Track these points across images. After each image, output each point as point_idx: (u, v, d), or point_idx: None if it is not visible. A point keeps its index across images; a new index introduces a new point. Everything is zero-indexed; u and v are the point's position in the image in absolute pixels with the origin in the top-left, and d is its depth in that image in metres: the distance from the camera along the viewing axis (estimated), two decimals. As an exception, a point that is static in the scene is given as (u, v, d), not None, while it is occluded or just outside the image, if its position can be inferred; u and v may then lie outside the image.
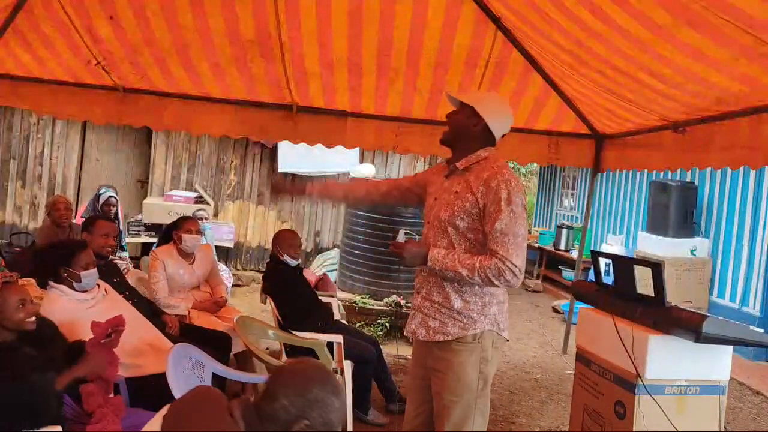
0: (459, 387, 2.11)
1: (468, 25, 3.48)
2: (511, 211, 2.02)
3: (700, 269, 6.38)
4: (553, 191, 11.05)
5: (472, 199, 2.08)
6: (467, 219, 2.10)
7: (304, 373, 1.39)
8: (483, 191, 2.06)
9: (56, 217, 4.64)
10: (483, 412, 2.16)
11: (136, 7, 3.45)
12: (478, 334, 2.11)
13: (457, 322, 2.12)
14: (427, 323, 2.18)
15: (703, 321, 2.36)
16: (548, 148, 4.68)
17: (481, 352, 2.12)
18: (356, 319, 5.35)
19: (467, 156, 2.17)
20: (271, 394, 1.35)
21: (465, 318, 2.11)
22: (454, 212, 2.12)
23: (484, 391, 2.15)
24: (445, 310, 2.14)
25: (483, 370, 2.13)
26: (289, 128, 4.52)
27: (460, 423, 2.12)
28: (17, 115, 7.70)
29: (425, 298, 2.21)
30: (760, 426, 4.19)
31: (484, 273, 2.00)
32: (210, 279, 4.05)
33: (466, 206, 2.09)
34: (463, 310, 2.11)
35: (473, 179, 2.11)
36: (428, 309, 2.18)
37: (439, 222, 2.16)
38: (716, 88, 2.77)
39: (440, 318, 2.15)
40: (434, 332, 2.15)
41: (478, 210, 2.07)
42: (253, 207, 7.89)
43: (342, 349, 3.39)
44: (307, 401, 1.34)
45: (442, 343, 2.14)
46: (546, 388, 4.54)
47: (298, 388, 1.35)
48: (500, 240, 2.01)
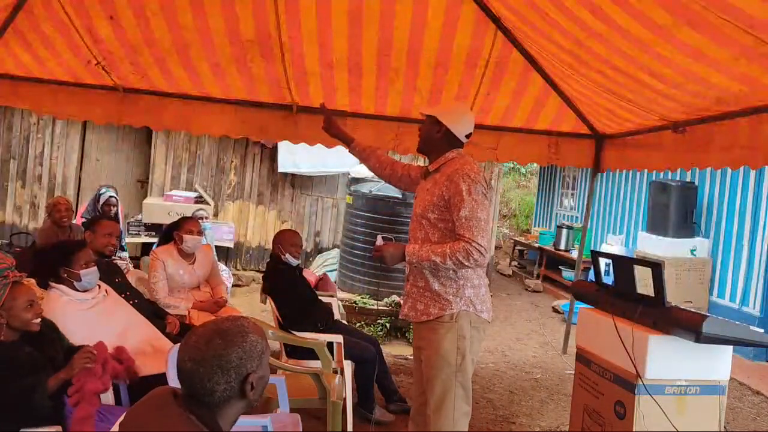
0: (438, 361, 2.40)
1: (468, 25, 3.48)
2: (472, 200, 2.33)
3: (700, 269, 6.38)
4: (553, 191, 11.05)
5: (439, 194, 2.41)
6: (436, 211, 2.43)
7: (209, 346, 1.31)
8: (447, 185, 2.38)
9: (57, 218, 4.64)
10: (464, 386, 2.42)
11: (136, 7, 3.45)
12: (454, 314, 2.40)
13: (437, 304, 2.43)
14: (415, 306, 2.50)
15: (703, 321, 2.36)
16: (548, 148, 4.68)
17: (458, 330, 2.40)
18: (356, 319, 5.35)
19: (437, 159, 2.53)
20: (200, 384, 1.29)
21: (442, 300, 2.42)
22: (425, 207, 2.46)
23: (462, 365, 2.41)
24: (427, 293, 2.46)
25: (460, 346, 2.40)
26: (289, 128, 4.52)
27: (442, 395, 2.40)
28: (17, 115, 7.70)
29: (413, 285, 2.53)
30: (760, 426, 4.19)
31: (455, 257, 2.30)
32: (210, 279, 4.05)
33: (434, 200, 2.42)
34: (441, 293, 2.42)
35: (439, 177, 2.46)
36: (415, 294, 2.51)
37: (416, 216, 2.53)
38: (716, 88, 2.77)
39: (424, 301, 2.47)
40: (420, 313, 2.47)
41: (444, 202, 2.40)
42: (253, 207, 7.89)
43: (342, 349, 3.39)
44: (235, 364, 1.30)
45: (426, 323, 2.45)
46: (546, 388, 4.54)
47: (215, 362, 1.29)
48: (465, 225, 2.32)
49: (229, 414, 1.35)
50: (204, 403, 1.31)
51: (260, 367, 1.36)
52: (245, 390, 1.33)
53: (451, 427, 2.38)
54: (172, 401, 1.32)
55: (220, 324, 1.36)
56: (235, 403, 1.34)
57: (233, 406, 1.34)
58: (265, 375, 1.39)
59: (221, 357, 1.30)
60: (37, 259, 2.93)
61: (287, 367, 3.13)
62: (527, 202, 14.51)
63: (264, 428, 2.23)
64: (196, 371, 1.29)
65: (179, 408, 1.30)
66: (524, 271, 9.93)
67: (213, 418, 1.31)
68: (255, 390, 1.35)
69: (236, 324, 1.36)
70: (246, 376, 1.32)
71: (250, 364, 1.33)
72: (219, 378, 1.29)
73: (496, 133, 4.57)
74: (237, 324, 1.36)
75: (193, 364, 1.30)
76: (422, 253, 2.36)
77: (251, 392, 1.34)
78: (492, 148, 4.59)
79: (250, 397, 1.35)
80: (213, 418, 1.31)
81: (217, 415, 1.32)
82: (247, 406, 1.38)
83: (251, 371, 1.33)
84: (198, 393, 1.30)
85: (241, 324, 1.37)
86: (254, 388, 1.34)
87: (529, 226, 12.84)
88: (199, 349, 1.31)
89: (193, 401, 1.31)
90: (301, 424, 2.57)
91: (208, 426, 1.29)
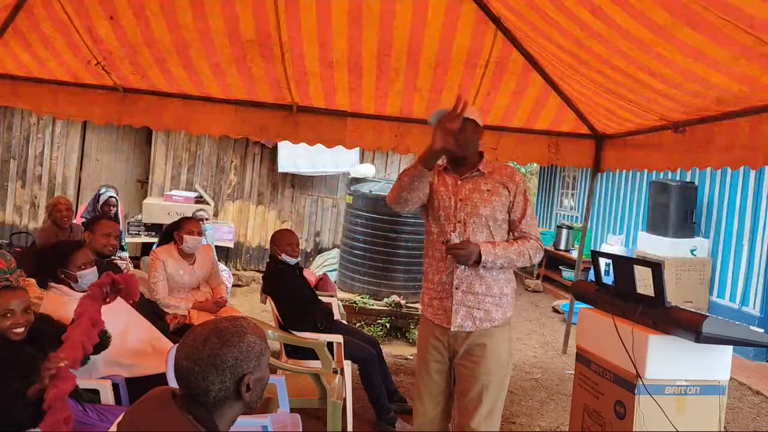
0: (495, 366, 2.38)
1: (468, 25, 3.48)
2: (530, 202, 2.47)
3: (700, 269, 6.38)
4: (553, 191, 11.05)
5: (506, 193, 2.43)
6: (504, 211, 2.44)
7: (205, 345, 1.30)
8: (513, 186, 2.43)
9: (57, 218, 4.64)
10: (507, 386, 2.47)
11: (136, 7, 3.45)
12: (510, 316, 2.45)
13: (499, 308, 2.41)
14: (472, 314, 2.39)
15: (703, 321, 2.36)
16: (548, 148, 4.68)
17: (509, 332, 2.45)
18: (356, 319, 5.35)
19: (480, 161, 2.47)
20: (195, 384, 1.29)
21: (505, 302, 2.43)
22: (494, 207, 2.41)
23: (510, 365, 2.46)
24: (489, 299, 2.39)
25: (510, 349, 2.46)
26: (289, 128, 4.52)
27: (495, 398, 2.39)
28: (17, 115, 7.70)
29: (467, 292, 2.40)
30: (760, 426, 4.19)
31: (528, 254, 2.38)
32: (210, 279, 4.05)
33: (502, 200, 2.42)
34: (502, 296, 2.42)
35: (501, 178, 2.45)
36: (471, 302, 2.39)
37: (479, 218, 2.41)
38: (716, 88, 2.77)
39: (484, 307, 2.39)
40: (481, 321, 2.39)
41: (510, 202, 2.44)
42: (253, 207, 7.89)
43: (342, 349, 3.39)
44: (231, 364, 1.30)
45: (481, 330, 2.38)
46: (546, 388, 4.54)
47: (211, 361, 1.29)
48: (531, 224, 2.43)
49: (227, 415, 1.34)
50: (201, 403, 1.30)
51: (258, 369, 1.35)
52: (241, 391, 1.32)
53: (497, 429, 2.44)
54: (170, 401, 1.31)
55: (218, 323, 1.36)
56: (231, 404, 1.33)
57: (230, 406, 1.34)
58: (263, 377, 1.38)
59: (217, 356, 1.29)
60: (36, 260, 2.92)
61: (287, 367, 3.13)
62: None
63: (264, 428, 2.23)
64: (191, 370, 1.29)
65: (177, 408, 1.29)
66: (524, 271, 9.93)
67: (210, 418, 1.31)
68: (252, 391, 1.34)
69: (235, 324, 1.36)
70: (242, 376, 1.31)
71: (246, 365, 1.32)
72: (214, 377, 1.29)
73: (496, 133, 4.57)
74: (235, 324, 1.36)
75: (189, 363, 1.30)
76: (498, 251, 2.33)
77: (247, 393, 1.33)
78: (492, 148, 4.59)
79: (247, 399, 1.34)
80: (210, 419, 1.31)
81: (215, 416, 1.32)
82: (246, 408, 1.37)
83: (247, 372, 1.32)
84: (194, 392, 1.30)
85: (239, 324, 1.36)
86: (251, 389, 1.33)
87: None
88: (196, 348, 1.30)
89: (191, 401, 1.31)
90: (301, 424, 2.57)
91: (205, 426, 1.29)
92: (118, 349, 2.69)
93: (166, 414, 1.29)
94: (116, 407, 2.41)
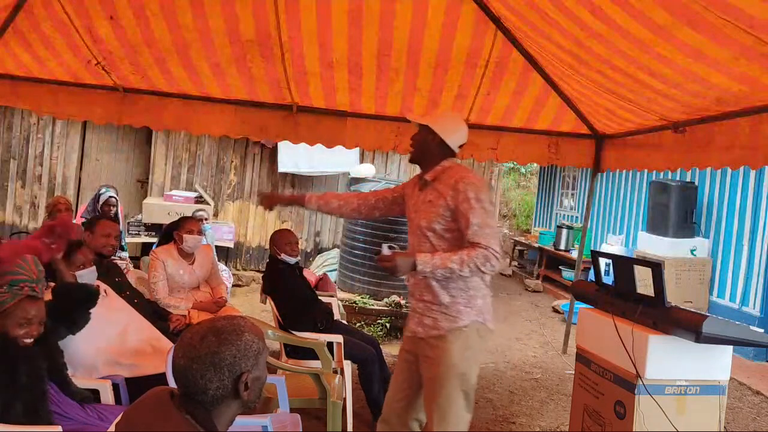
0: (446, 371, 2.34)
1: (468, 25, 3.48)
2: (482, 207, 2.29)
3: (700, 269, 6.38)
4: (553, 191, 11.05)
5: (444, 204, 2.35)
6: (443, 221, 2.37)
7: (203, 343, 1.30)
8: (452, 195, 2.33)
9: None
10: (468, 395, 2.38)
11: (136, 7, 3.45)
12: (466, 325, 2.35)
13: (447, 317, 2.36)
14: (423, 322, 2.42)
15: (703, 321, 2.36)
16: (548, 148, 4.68)
17: (465, 339, 2.36)
18: (356, 319, 5.35)
19: (433, 168, 2.45)
20: (193, 382, 1.29)
21: (453, 311, 2.35)
22: (430, 219, 2.39)
23: (468, 375, 2.37)
24: (435, 307, 2.38)
25: (468, 356, 2.36)
26: (289, 128, 4.52)
27: (447, 405, 2.35)
28: (17, 115, 7.70)
29: (418, 299, 2.45)
30: (760, 426, 4.19)
31: (473, 263, 2.24)
32: (210, 279, 4.05)
33: (440, 211, 2.36)
34: (451, 304, 2.35)
35: (442, 187, 2.39)
36: (422, 309, 2.42)
37: (420, 230, 2.43)
38: (716, 88, 2.77)
39: (432, 315, 2.38)
40: (429, 329, 2.39)
41: (450, 212, 2.35)
42: (253, 207, 7.89)
43: (342, 349, 3.39)
44: (228, 362, 1.30)
45: (430, 337, 2.38)
46: (546, 388, 4.54)
47: (208, 359, 1.29)
48: (479, 232, 2.26)
49: (225, 414, 1.34)
50: (199, 402, 1.30)
51: (256, 368, 1.35)
52: (239, 390, 1.32)
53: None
54: (168, 401, 1.31)
55: (216, 322, 1.36)
56: (229, 403, 1.34)
57: (228, 406, 1.34)
58: (261, 376, 1.38)
59: (214, 354, 1.29)
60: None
61: (287, 367, 3.13)
62: (527, 202, 14.51)
63: (264, 428, 2.23)
64: (189, 368, 1.29)
65: (175, 408, 1.29)
66: (524, 271, 9.93)
67: (209, 418, 1.31)
68: (250, 390, 1.34)
69: (232, 323, 1.36)
70: (240, 375, 1.32)
71: (244, 364, 1.32)
72: (212, 376, 1.29)
73: (496, 133, 4.57)
74: (233, 323, 1.36)
75: (187, 361, 1.30)
76: (436, 261, 2.25)
77: (245, 392, 1.33)
78: (492, 148, 4.59)
79: (245, 398, 1.34)
80: (209, 418, 1.31)
81: (213, 415, 1.32)
82: (243, 407, 1.37)
83: (245, 371, 1.32)
84: (191, 391, 1.30)
85: (237, 323, 1.36)
86: (249, 388, 1.33)
87: (529, 226, 12.85)
88: (194, 347, 1.31)
89: (189, 401, 1.31)
90: (301, 424, 2.57)
91: (203, 426, 1.29)
92: (118, 349, 2.70)
93: (165, 414, 1.29)
94: (116, 407, 2.41)
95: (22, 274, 2.06)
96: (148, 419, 1.30)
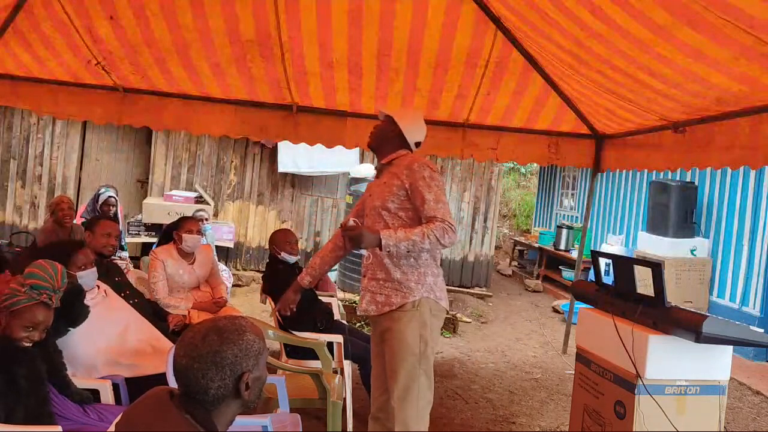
0: (402, 350, 2.41)
1: (468, 25, 3.48)
2: (436, 185, 2.42)
3: (700, 269, 6.38)
4: (553, 191, 11.05)
5: (398, 183, 2.47)
6: (396, 201, 2.48)
7: (204, 342, 1.30)
8: (407, 173, 2.45)
9: (59, 217, 4.66)
10: (427, 374, 2.43)
11: (136, 7, 3.45)
12: (417, 301, 2.43)
13: (399, 293, 2.45)
14: (375, 299, 2.51)
15: (703, 321, 2.36)
16: (548, 148, 4.68)
17: (420, 317, 2.43)
18: (356, 319, 5.35)
19: (389, 154, 2.61)
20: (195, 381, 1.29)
21: (404, 288, 2.45)
22: (384, 198, 2.50)
23: (425, 354, 2.42)
24: (388, 284, 2.47)
25: (422, 334, 2.42)
26: (289, 128, 4.53)
27: (406, 384, 2.40)
28: (17, 115, 7.70)
29: (371, 279, 2.55)
30: (760, 426, 4.19)
31: (433, 234, 2.33)
32: (210, 279, 4.05)
33: (393, 190, 2.48)
34: (403, 280, 2.45)
35: (396, 169, 2.51)
36: (374, 287, 2.52)
37: (374, 209, 2.55)
38: (716, 88, 2.77)
39: (385, 292, 2.48)
40: (382, 305, 2.48)
41: (404, 191, 2.46)
42: (253, 207, 7.89)
43: (342, 349, 3.39)
44: (230, 361, 1.30)
45: (387, 314, 2.46)
46: (546, 388, 4.54)
47: (210, 358, 1.29)
48: (435, 207, 2.38)
49: (225, 414, 1.34)
50: (199, 402, 1.30)
51: (256, 367, 1.35)
52: (240, 389, 1.32)
53: (416, 417, 2.40)
54: (168, 401, 1.31)
55: (217, 321, 1.36)
56: (230, 403, 1.34)
57: (229, 405, 1.34)
58: (261, 376, 1.38)
59: (216, 353, 1.29)
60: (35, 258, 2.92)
61: (287, 367, 3.13)
62: (527, 202, 14.51)
63: (264, 428, 2.23)
64: (190, 367, 1.29)
65: (175, 408, 1.29)
66: (524, 271, 9.93)
67: (209, 418, 1.31)
68: (251, 390, 1.34)
69: (233, 322, 1.36)
70: (241, 374, 1.32)
71: (245, 363, 1.32)
72: (213, 375, 1.29)
73: (496, 133, 4.57)
74: (234, 322, 1.36)
75: (188, 361, 1.30)
76: (399, 235, 2.34)
77: (246, 392, 1.33)
78: (492, 148, 4.59)
79: (246, 398, 1.34)
80: (209, 418, 1.31)
81: (213, 415, 1.32)
82: (244, 407, 1.37)
83: (246, 370, 1.32)
84: (193, 391, 1.30)
85: (238, 323, 1.36)
86: (249, 388, 1.33)
87: (529, 226, 12.85)
88: (195, 346, 1.30)
89: (189, 400, 1.31)
90: (301, 424, 2.56)
91: (203, 426, 1.28)
92: (118, 349, 2.69)
93: (164, 413, 1.29)
94: (116, 407, 2.41)
95: (47, 282, 2.08)
96: (148, 419, 1.30)
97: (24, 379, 1.99)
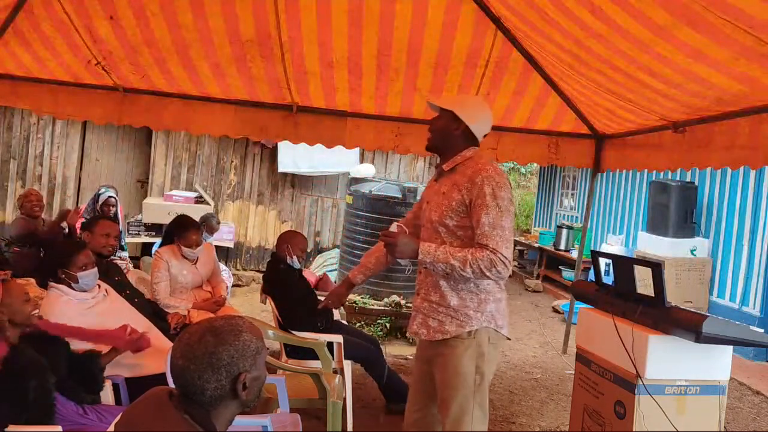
0: (456, 381, 2.16)
1: (468, 25, 3.48)
2: (497, 206, 2.07)
3: (700, 269, 6.38)
4: (553, 191, 11.05)
5: (458, 197, 2.14)
6: (455, 217, 2.16)
7: (200, 343, 1.30)
8: (468, 187, 2.12)
9: (28, 209, 4.77)
10: (482, 407, 2.19)
11: (136, 7, 3.45)
12: (474, 330, 2.16)
13: (454, 320, 2.18)
14: (427, 323, 2.25)
15: (703, 321, 2.36)
16: (548, 148, 4.68)
17: (477, 347, 2.17)
18: (356, 319, 5.35)
19: (453, 157, 2.25)
20: (191, 382, 1.29)
21: (461, 315, 2.17)
22: (442, 212, 2.19)
23: (481, 386, 2.18)
24: (443, 309, 2.20)
25: (479, 365, 2.17)
26: (289, 128, 4.52)
27: (458, 416, 2.16)
28: (17, 115, 7.70)
29: (424, 299, 2.27)
30: (760, 426, 4.19)
31: (477, 264, 2.04)
32: (211, 278, 4.05)
33: (453, 205, 2.16)
34: (460, 308, 2.17)
35: (459, 178, 2.18)
36: (427, 309, 2.25)
37: (431, 223, 2.25)
38: (716, 88, 2.77)
39: (438, 317, 2.21)
40: (434, 332, 2.22)
41: (464, 207, 2.14)
42: (253, 207, 7.89)
43: (342, 349, 3.39)
44: (226, 362, 1.29)
45: (442, 341, 2.20)
46: (546, 388, 4.54)
47: (206, 359, 1.28)
48: (489, 233, 2.05)
49: (224, 414, 1.34)
50: (197, 402, 1.30)
51: (254, 368, 1.34)
52: (237, 390, 1.31)
53: None
54: (166, 401, 1.31)
55: (213, 322, 1.36)
56: (228, 403, 1.33)
57: (227, 406, 1.33)
58: (260, 376, 1.37)
59: (212, 354, 1.29)
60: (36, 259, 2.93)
61: (287, 367, 3.13)
62: (527, 202, 14.52)
63: (264, 428, 2.23)
64: (187, 368, 1.29)
65: (174, 408, 1.29)
66: (524, 271, 9.93)
67: (207, 418, 1.30)
68: (248, 390, 1.33)
69: (230, 323, 1.35)
70: (238, 375, 1.31)
71: (242, 364, 1.31)
72: (209, 376, 1.28)
73: (496, 133, 4.57)
74: (231, 323, 1.35)
75: (185, 362, 1.29)
76: (439, 254, 2.07)
77: (243, 392, 1.32)
78: (492, 148, 4.59)
79: (243, 398, 1.33)
80: (207, 418, 1.30)
81: (212, 415, 1.32)
82: (242, 407, 1.36)
83: (243, 371, 1.32)
84: (189, 391, 1.30)
85: (235, 323, 1.36)
86: (247, 388, 1.33)
87: (529, 226, 12.84)
88: (191, 347, 1.30)
89: (188, 401, 1.31)
90: (301, 424, 2.56)
91: (202, 426, 1.28)
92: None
93: (163, 414, 1.29)
94: (116, 407, 2.41)
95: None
96: (147, 419, 1.30)
97: (33, 392, 2.00)
